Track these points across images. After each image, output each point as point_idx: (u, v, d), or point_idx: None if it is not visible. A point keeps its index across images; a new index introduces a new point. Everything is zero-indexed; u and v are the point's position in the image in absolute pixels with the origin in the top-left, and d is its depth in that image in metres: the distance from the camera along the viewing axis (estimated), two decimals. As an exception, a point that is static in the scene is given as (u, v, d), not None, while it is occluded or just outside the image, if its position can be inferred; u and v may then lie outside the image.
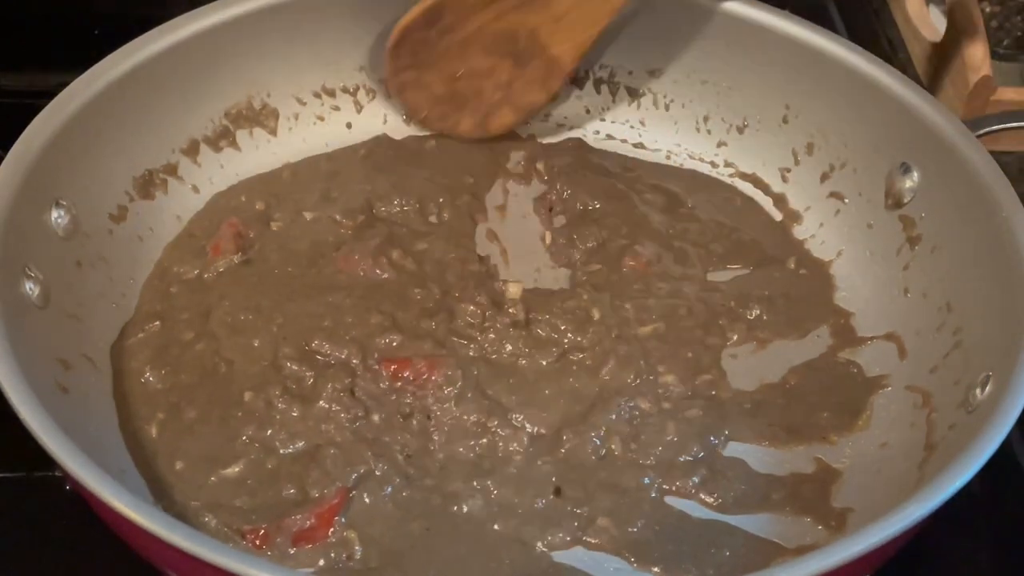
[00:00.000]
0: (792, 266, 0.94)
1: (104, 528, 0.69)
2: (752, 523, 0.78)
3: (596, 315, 0.88)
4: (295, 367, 0.82)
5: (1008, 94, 1.06)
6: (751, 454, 0.82)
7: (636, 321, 0.88)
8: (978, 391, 0.75)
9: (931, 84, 1.12)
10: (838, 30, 1.18)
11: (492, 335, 0.85)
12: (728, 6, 0.97)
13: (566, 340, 0.86)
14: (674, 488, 0.79)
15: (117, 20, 0.97)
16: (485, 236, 0.96)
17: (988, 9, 1.16)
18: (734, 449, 0.82)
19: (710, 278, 0.93)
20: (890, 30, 1.20)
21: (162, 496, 0.77)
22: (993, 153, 0.85)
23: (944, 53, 1.10)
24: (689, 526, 0.77)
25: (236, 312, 0.86)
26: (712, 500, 0.79)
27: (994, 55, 1.08)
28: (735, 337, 0.89)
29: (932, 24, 1.18)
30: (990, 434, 0.67)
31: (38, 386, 0.70)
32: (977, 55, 1.05)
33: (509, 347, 0.85)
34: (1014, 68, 1.16)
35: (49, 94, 0.84)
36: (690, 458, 0.81)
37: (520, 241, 0.96)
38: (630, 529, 0.76)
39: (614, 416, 0.82)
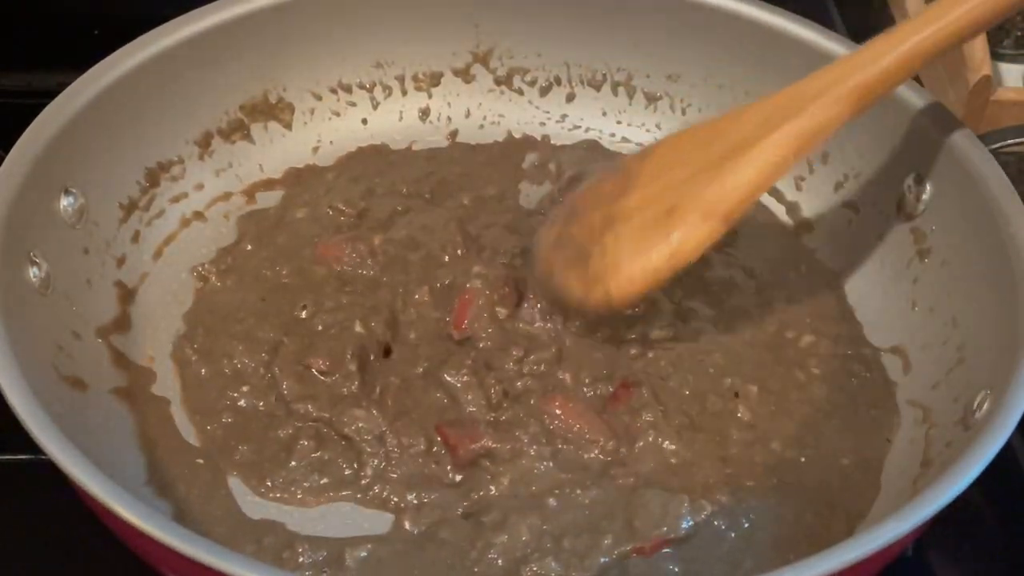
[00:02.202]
0: (803, 273, 0.94)
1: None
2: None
3: None
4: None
5: (1008, 94, 1.05)
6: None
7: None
8: (975, 409, 0.74)
9: (931, 84, 1.10)
10: (838, 30, 1.17)
11: None
12: (747, 11, 0.96)
13: None
14: None
15: (117, 20, 0.98)
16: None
17: (988, 9, 1.14)
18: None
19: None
20: (890, 30, 1.19)
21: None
22: (993, 153, 0.84)
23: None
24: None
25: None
26: None
27: (994, 55, 1.07)
28: None
29: (932, 24, 1.16)
30: (978, 454, 0.66)
31: (35, 373, 0.71)
32: (977, 55, 1.03)
33: None
34: (1014, 68, 1.14)
35: (49, 94, 0.84)
36: None
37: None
38: None
39: None
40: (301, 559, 0.73)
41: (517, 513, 0.76)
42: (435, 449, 0.79)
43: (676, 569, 0.74)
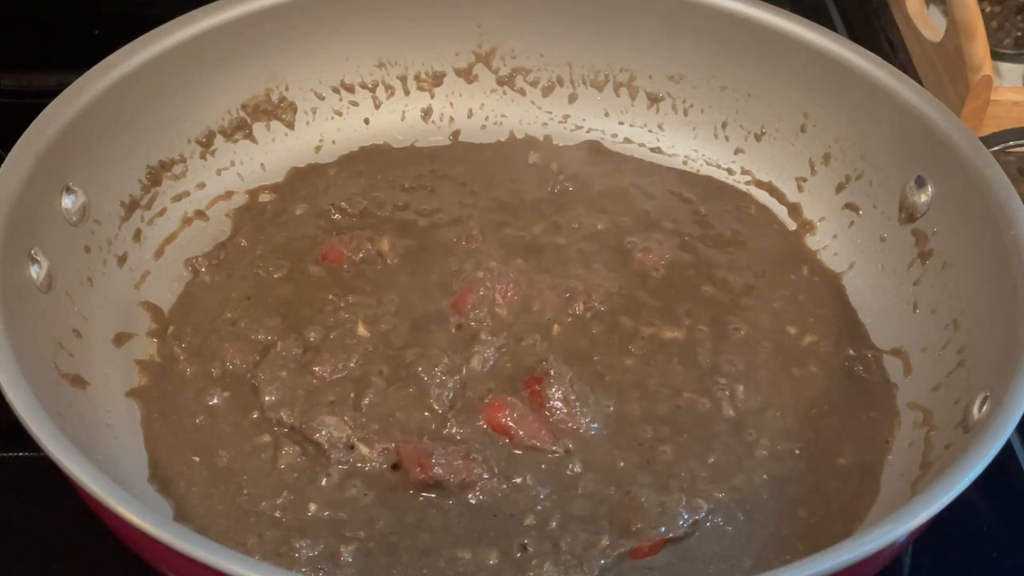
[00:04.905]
0: (804, 275, 0.94)
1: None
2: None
3: None
4: None
5: (1008, 94, 1.05)
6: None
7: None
8: (975, 411, 0.74)
9: (931, 84, 1.10)
10: (838, 30, 1.18)
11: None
12: (750, 12, 0.96)
13: None
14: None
15: (117, 20, 0.98)
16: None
17: (988, 9, 1.15)
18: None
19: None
20: (890, 30, 1.20)
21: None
22: (994, 155, 0.84)
23: (944, 53, 1.09)
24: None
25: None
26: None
27: (994, 55, 1.07)
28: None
29: (932, 24, 1.17)
30: (976, 457, 0.66)
31: (35, 371, 0.71)
32: (977, 55, 1.04)
33: None
34: (1014, 68, 1.15)
35: (49, 94, 0.84)
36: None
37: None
38: None
39: None
40: (298, 554, 0.74)
41: (488, 538, 0.76)
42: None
43: (676, 569, 0.74)
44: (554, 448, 0.80)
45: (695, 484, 0.78)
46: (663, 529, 0.75)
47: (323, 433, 0.79)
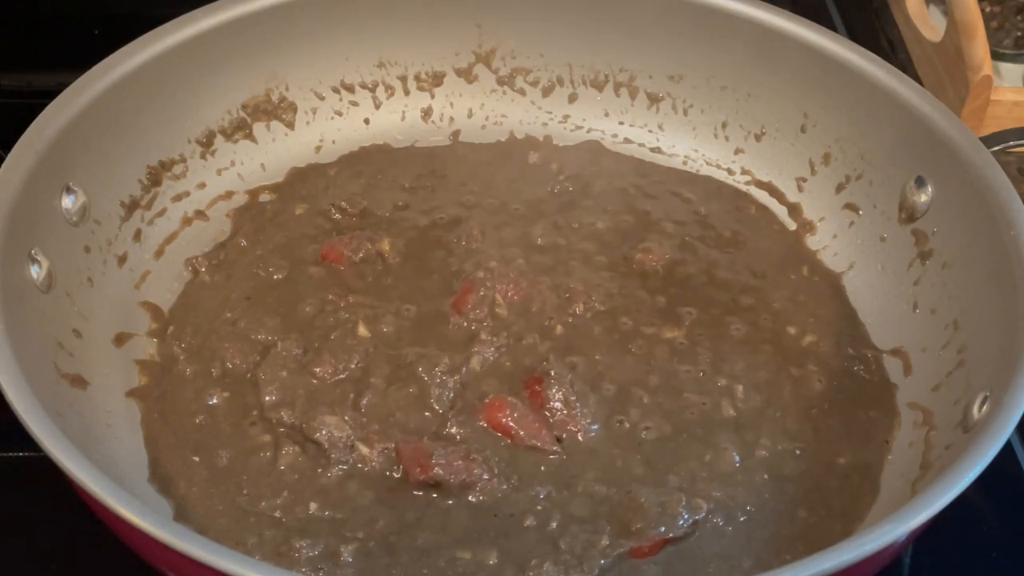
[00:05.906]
0: (804, 275, 0.94)
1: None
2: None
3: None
4: None
5: (1008, 94, 1.06)
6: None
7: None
8: (975, 411, 0.74)
9: (931, 84, 1.11)
10: (838, 30, 1.18)
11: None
12: (750, 12, 0.96)
13: None
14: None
15: (117, 20, 0.98)
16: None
17: (988, 9, 1.15)
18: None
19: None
20: (890, 30, 1.21)
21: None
22: (994, 155, 0.84)
23: (944, 53, 1.10)
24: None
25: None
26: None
27: (994, 55, 1.07)
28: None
29: (932, 24, 1.17)
30: (976, 457, 0.66)
31: (35, 371, 0.71)
32: (977, 55, 1.04)
33: None
34: (1014, 68, 1.15)
35: (49, 94, 0.84)
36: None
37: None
38: None
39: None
40: (298, 554, 0.74)
41: (488, 538, 0.76)
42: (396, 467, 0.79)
43: (676, 569, 0.75)
44: (554, 448, 0.80)
45: (695, 484, 0.79)
46: (663, 529, 0.75)
47: (323, 433, 0.79)
